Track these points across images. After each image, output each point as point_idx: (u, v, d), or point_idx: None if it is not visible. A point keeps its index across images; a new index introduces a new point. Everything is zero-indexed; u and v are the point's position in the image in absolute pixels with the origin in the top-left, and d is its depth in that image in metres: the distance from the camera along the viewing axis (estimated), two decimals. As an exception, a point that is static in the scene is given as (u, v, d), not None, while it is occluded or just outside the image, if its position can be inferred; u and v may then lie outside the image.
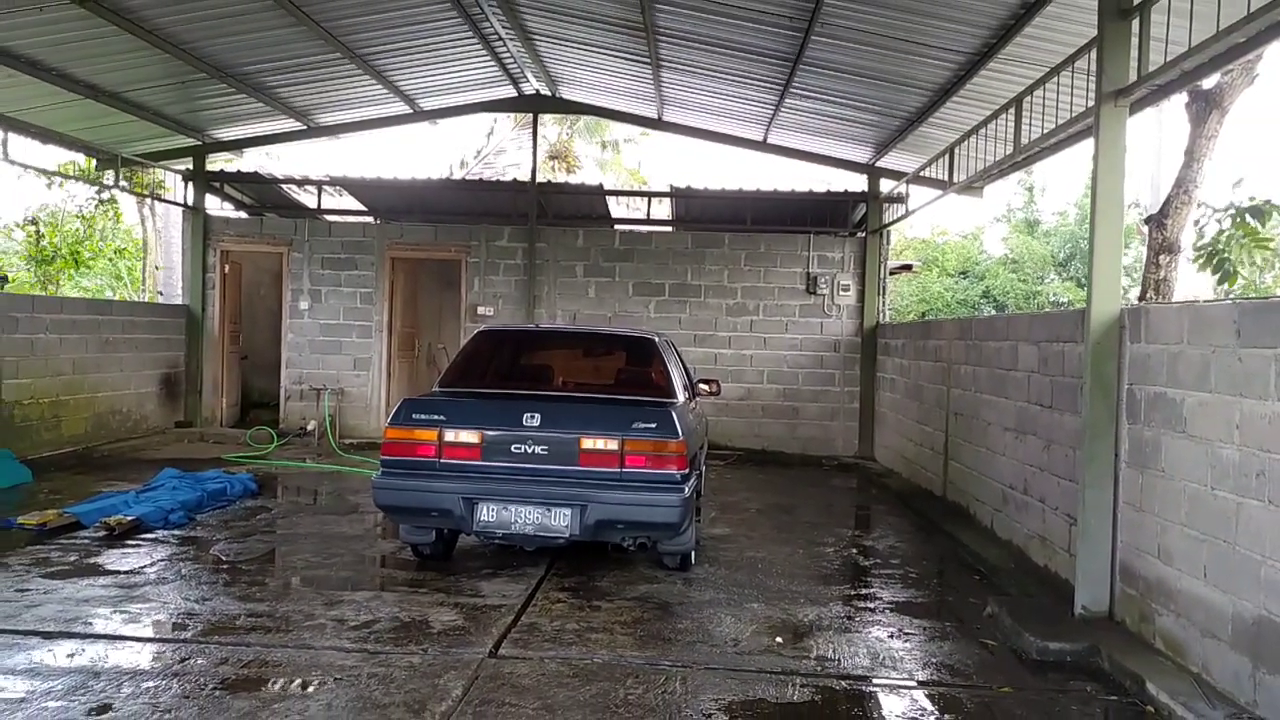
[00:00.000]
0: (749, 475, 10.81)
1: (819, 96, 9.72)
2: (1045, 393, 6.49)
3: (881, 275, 12.58)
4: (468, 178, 16.66)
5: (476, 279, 12.39)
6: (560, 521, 5.49)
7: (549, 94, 12.37)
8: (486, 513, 5.54)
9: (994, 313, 23.58)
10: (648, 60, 9.68)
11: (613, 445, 5.50)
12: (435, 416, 5.70)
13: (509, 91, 12.18)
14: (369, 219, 13.24)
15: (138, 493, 7.75)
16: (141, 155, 11.89)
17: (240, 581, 5.76)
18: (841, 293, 12.43)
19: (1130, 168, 5.14)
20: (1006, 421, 7.27)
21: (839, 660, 4.71)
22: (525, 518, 5.51)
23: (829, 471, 11.50)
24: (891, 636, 5.14)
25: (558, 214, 12.87)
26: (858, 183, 12.58)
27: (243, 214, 13.40)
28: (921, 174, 10.76)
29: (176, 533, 6.91)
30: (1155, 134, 16.64)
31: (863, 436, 12.35)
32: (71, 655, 4.41)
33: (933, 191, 10.53)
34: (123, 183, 12.01)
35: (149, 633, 4.80)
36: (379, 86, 10.94)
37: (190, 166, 12.39)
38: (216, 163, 12.86)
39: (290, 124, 11.98)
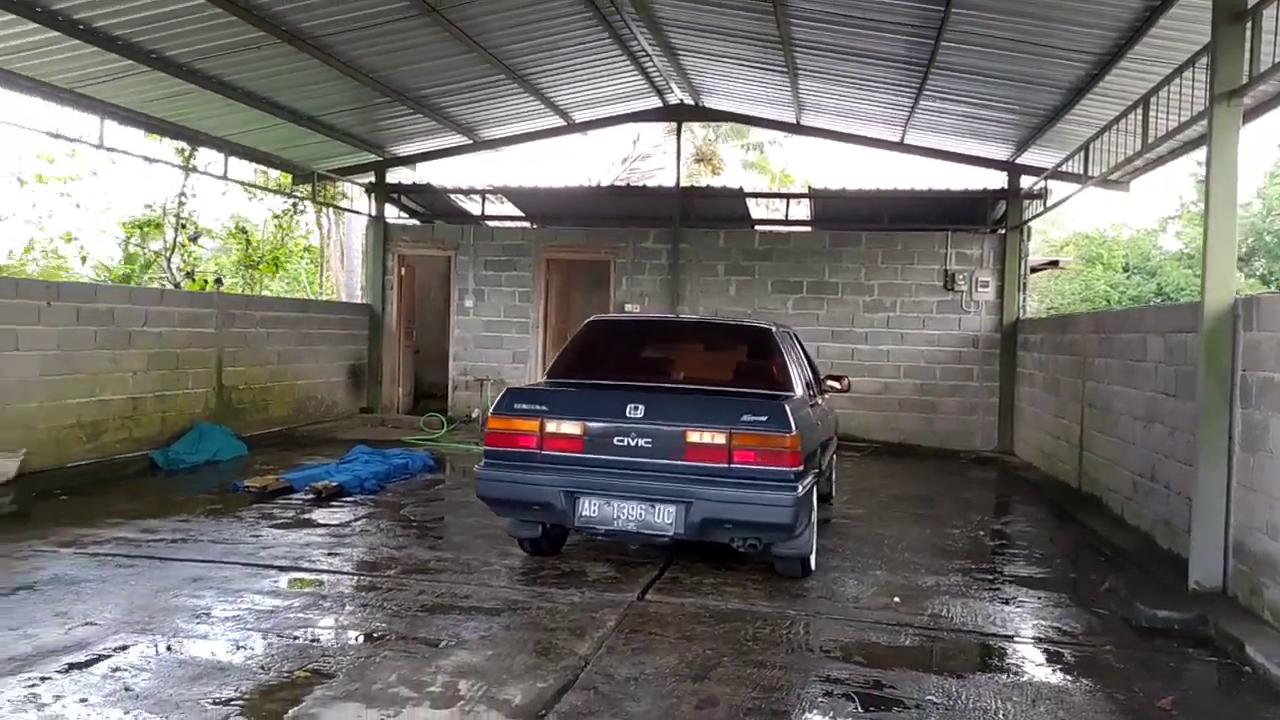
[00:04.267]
0: (884, 466, 11.18)
1: (953, 98, 10.02)
2: (1171, 382, 6.69)
3: (1022, 271, 12.66)
4: (615, 183, 17.59)
5: (624, 278, 13.26)
6: (664, 519, 5.27)
7: (692, 103, 13.07)
8: (588, 507, 5.37)
9: (1153, 310, 22.74)
10: (784, 69, 10.24)
11: (720, 439, 5.22)
12: (537, 406, 5.55)
13: (655, 102, 12.96)
14: (526, 224, 14.33)
15: (337, 464, 8.95)
16: (331, 170, 13.37)
17: (428, 536, 6.76)
18: (980, 289, 12.59)
19: None
20: (1136, 411, 7.45)
21: (951, 618, 5.19)
22: (628, 514, 5.32)
23: (966, 464, 11.70)
24: (1006, 603, 5.56)
25: (700, 216, 13.56)
26: (997, 180, 12.69)
27: (415, 221, 14.76)
28: (1061, 169, 10.85)
29: (371, 498, 8.03)
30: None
31: (1002, 431, 12.46)
32: (303, 583, 5.45)
33: (1076, 187, 10.62)
34: (316, 195, 13.54)
35: (361, 570, 5.81)
36: (536, 102, 11.94)
37: (372, 180, 13.81)
38: (394, 176, 14.21)
39: (458, 139, 13.17)
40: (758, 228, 13.94)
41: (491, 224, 14.34)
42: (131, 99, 9.66)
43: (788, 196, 13.96)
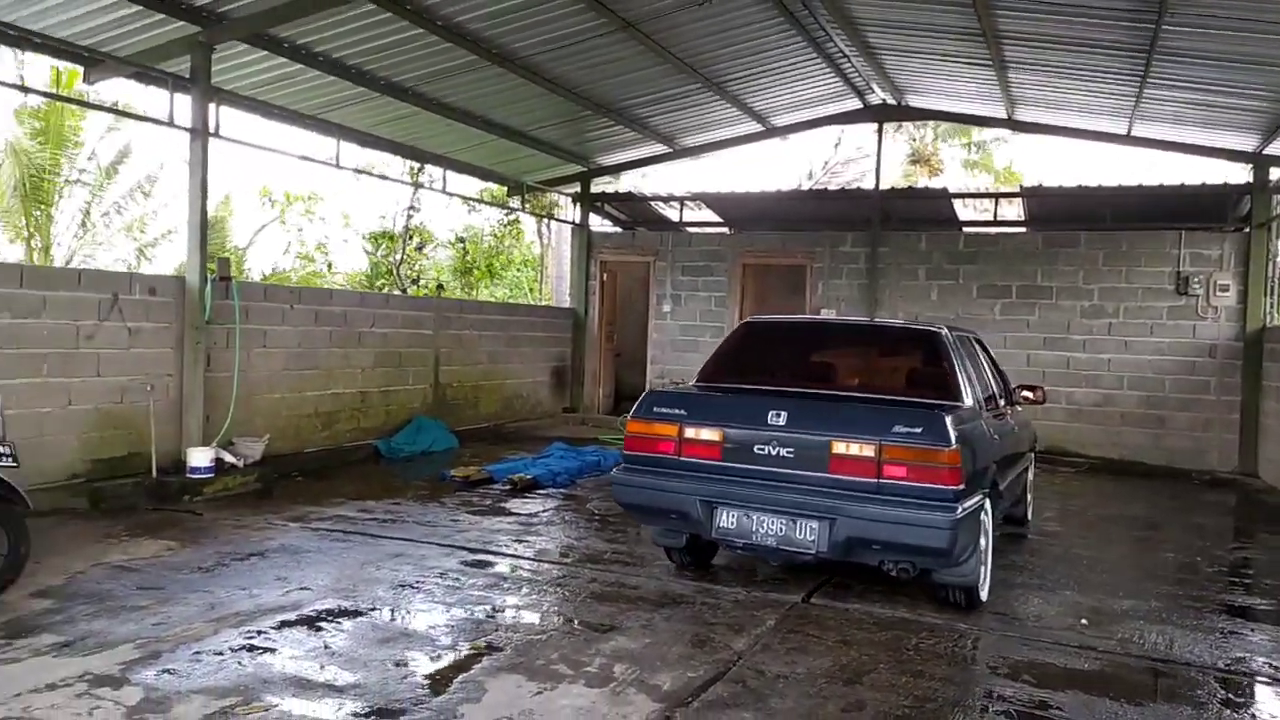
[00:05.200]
0: (1100, 483, 10.41)
1: (1182, 85, 9.19)
2: None
3: (1271, 274, 11.41)
4: (815, 187, 17.43)
5: (820, 283, 13.12)
6: (806, 535, 4.88)
7: (894, 103, 12.73)
8: (726, 519, 5.07)
9: None
10: (990, 63, 9.78)
11: (868, 451, 4.79)
12: (675, 411, 5.32)
13: (854, 104, 12.74)
14: (724, 230, 14.50)
15: (534, 459, 9.49)
16: (540, 182, 14.14)
17: (608, 529, 7.04)
18: (1219, 293, 11.44)
19: None
20: (1394, 430, 6.57)
21: (1143, 644, 4.82)
22: (767, 527, 4.97)
23: (1197, 486, 10.65)
24: (1211, 632, 5.07)
25: (903, 218, 13.19)
26: (1242, 173, 11.51)
27: (617, 229, 15.32)
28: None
29: (562, 491, 8.46)
30: None
31: (1244, 450, 11.27)
32: (488, 565, 5.86)
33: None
34: (525, 206, 14.37)
35: (541, 556, 6.16)
36: (733, 109, 12.07)
37: (578, 190, 14.47)
38: (598, 185, 14.82)
39: (659, 147, 13.53)
40: (965, 229, 13.36)
41: (690, 230, 14.61)
42: (364, 122, 10.68)
43: (996, 196, 13.28)
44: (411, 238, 16.86)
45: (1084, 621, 5.15)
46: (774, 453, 4.99)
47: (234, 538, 6.26)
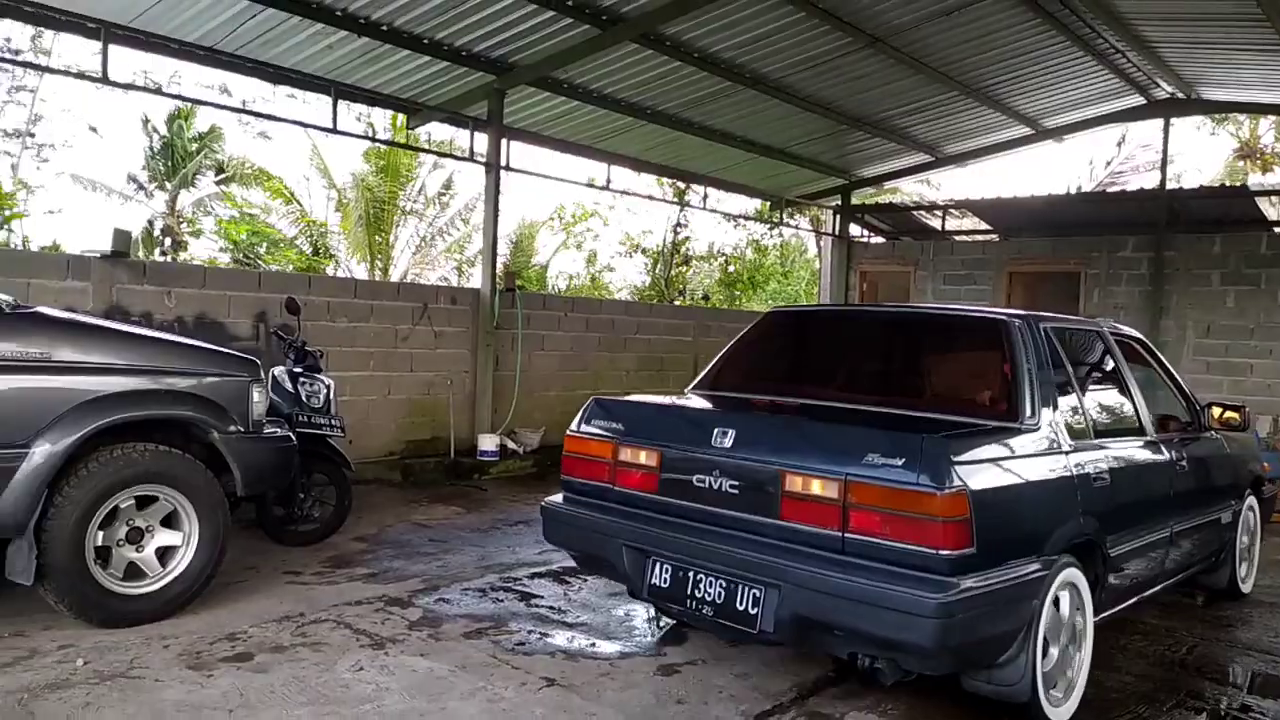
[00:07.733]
0: None
1: None
2: None
3: None
4: (1095, 189, 16.38)
5: (1096, 290, 12.44)
6: (747, 606, 3.45)
7: (1184, 97, 11.83)
8: (658, 574, 3.74)
9: None
10: (1284, 48, 8.98)
11: (830, 491, 3.29)
12: (612, 425, 4.03)
13: (1136, 100, 11.98)
14: (991, 237, 14.11)
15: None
16: (801, 196, 14.59)
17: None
18: None
19: None
20: None
21: (1398, 670, 4.45)
22: (703, 591, 3.58)
23: None
24: None
25: (1195, 220, 12.19)
26: None
27: (878, 239, 15.38)
28: None
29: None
30: None
31: None
32: (716, 545, 6.46)
33: None
34: (785, 219, 14.85)
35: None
36: (997, 114, 11.83)
37: (839, 202, 14.74)
38: (859, 197, 14.98)
39: (920, 157, 13.48)
40: (1275, 230, 12.07)
41: (955, 238, 14.37)
42: (633, 148, 11.71)
43: (1309, 191, 11.87)
44: (678, 252, 17.97)
45: (1333, 643, 4.82)
46: (716, 485, 3.60)
47: (508, 509, 7.34)
